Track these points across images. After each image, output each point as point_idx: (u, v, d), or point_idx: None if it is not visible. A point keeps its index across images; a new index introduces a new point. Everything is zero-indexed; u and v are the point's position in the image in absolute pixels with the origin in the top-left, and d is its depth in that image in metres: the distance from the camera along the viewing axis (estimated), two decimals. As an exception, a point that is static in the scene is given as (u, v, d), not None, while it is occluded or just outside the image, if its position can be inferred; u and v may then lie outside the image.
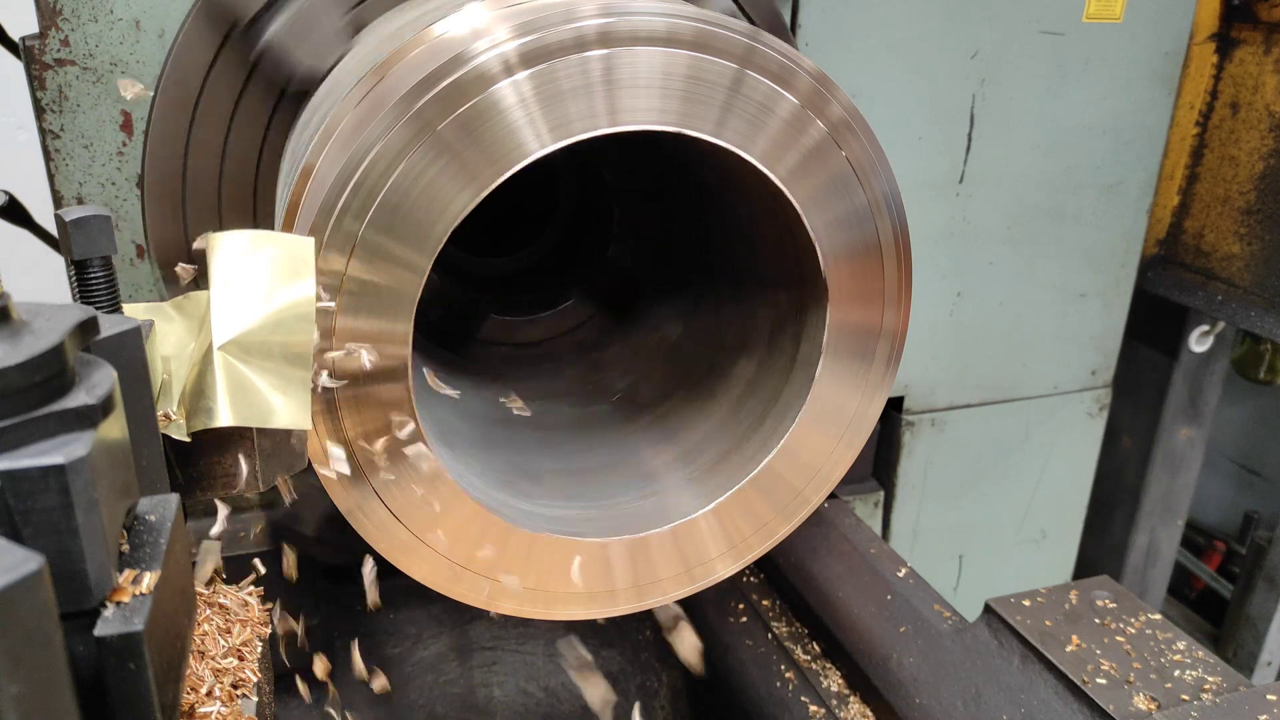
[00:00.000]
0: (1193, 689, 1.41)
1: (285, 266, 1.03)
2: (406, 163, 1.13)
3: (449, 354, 2.08)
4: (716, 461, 1.56)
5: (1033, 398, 2.51)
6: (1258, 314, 2.53)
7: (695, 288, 1.91)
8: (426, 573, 1.35)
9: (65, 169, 1.61)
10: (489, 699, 2.18)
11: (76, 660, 0.64)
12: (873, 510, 2.46)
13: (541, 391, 1.99)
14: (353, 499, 1.25)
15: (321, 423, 1.19)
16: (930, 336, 2.32)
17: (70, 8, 1.52)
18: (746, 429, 1.56)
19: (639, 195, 2.16)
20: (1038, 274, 2.36)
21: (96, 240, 0.95)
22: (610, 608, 1.47)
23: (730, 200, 1.68)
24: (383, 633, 2.14)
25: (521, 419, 1.87)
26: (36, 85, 1.55)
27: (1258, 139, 2.48)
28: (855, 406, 1.48)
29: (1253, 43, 2.48)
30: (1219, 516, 4.33)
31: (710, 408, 1.68)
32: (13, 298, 0.66)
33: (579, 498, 1.56)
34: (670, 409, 1.75)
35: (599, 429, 1.78)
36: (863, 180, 1.35)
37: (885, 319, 1.44)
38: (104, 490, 0.64)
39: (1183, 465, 3.14)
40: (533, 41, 1.13)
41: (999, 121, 2.17)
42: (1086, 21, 2.15)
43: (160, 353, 1.02)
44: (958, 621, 1.68)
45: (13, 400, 0.61)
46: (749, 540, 1.51)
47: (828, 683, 1.83)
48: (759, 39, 1.23)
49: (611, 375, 1.98)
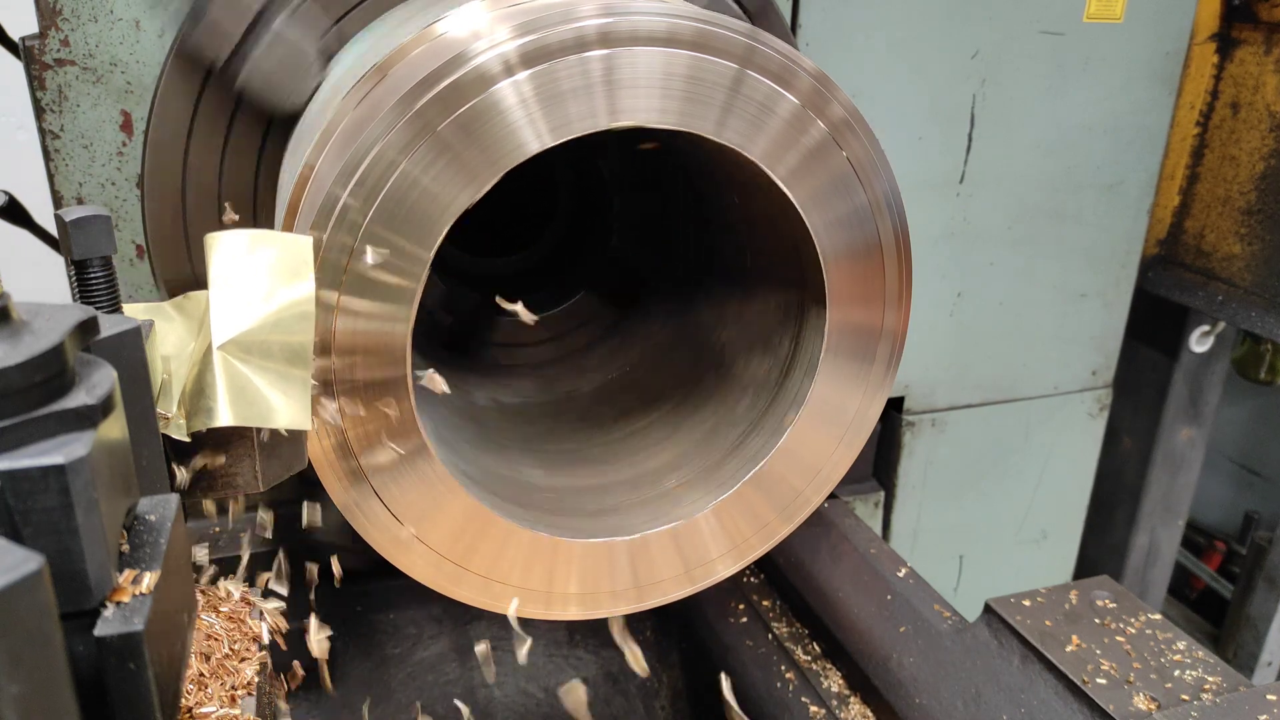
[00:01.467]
0: (1193, 689, 1.41)
1: (285, 266, 1.03)
2: (407, 163, 1.13)
3: (454, 356, 2.08)
4: (717, 461, 1.56)
5: (1033, 398, 2.51)
6: (1258, 314, 2.53)
7: (696, 288, 1.91)
8: (426, 572, 1.35)
9: (65, 169, 1.61)
10: (489, 699, 2.18)
11: (76, 660, 0.64)
12: (873, 510, 2.46)
13: (543, 392, 1.99)
14: (351, 497, 1.25)
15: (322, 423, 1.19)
16: (931, 337, 2.32)
17: (70, 8, 1.52)
18: (747, 429, 1.56)
19: (639, 196, 2.16)
20: (1038, 274, 2.36)
21: (96, 240, 0.95)
22: (611, 608, 1.47)
23: (730, 201, 1.68)
24: (382, 633, 2.14)
25: (523, 421, 1.87)
26: (36, 85, 1.55)
27: (1258, 139, 2.48)
28: (856, 407, 1.48)
29: (1253, 43, 2.48)
30: (1219, 517, 4.33)
31: (711, 407, 1.68)
32: (13, 298, 0.66)
33: (580, 498, 1.56)
34: (671, 408, 1.75)
35: (600, 429, 1.78)
36: (863, 180, 1.35)
37: (886, 319, 1.44)
38: (104, 490, 0.64)
39: (1183, 465, 3.14)
40: (533, 42, 1.13)
41: (999, 121, 2.17)
42: (1087, 21, 2.15)
43: (160, 353, 1.02)
44: (958, 621, 1.68)
45: (13, 400, 0.61)
46: (750, 541, 1.51)
47: (828, 683, 1.83)
48: (759, 39, 1.23)
49: (613, 376, 1.98)
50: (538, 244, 2.36)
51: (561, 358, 2.14)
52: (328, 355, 1.17)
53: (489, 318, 2.15)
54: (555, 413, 1.90)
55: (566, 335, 2.17)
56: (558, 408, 1.92)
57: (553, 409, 1.92)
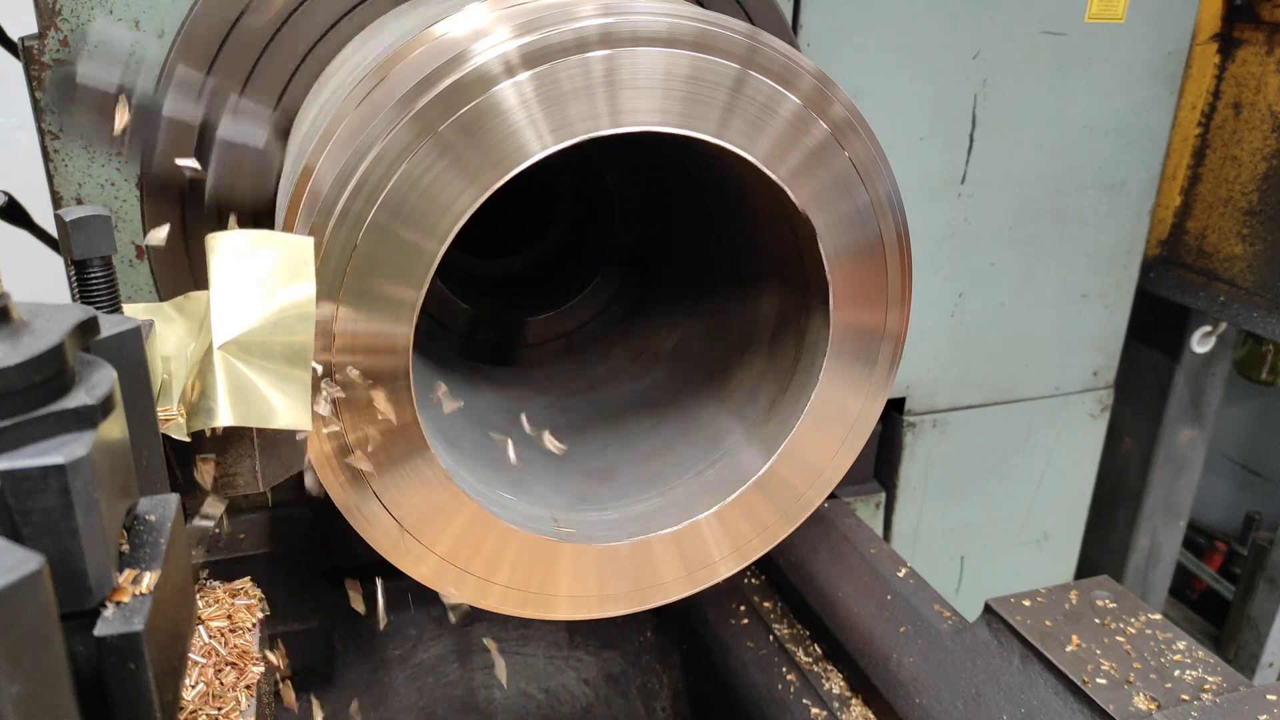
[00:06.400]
0: (1193, 689, 1.41)
1: (286, 267, 1.03)
2: (408, 164, 1.13)
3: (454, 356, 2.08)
4: (719, 463, 1.56)
5: (1034, 399, 2.51)
6: (1260, 315, 2.52)
7: (698, 290, 1.90)
8: (426, 574, 1.35)
9: (65, 169, 1.61)
10: (489, 700, 2.18)
11: (76, 660, 0.64)
12: (874, 511, 2.46)
13: (544, 394, 1.98)
14: (353, 499, 1.25)
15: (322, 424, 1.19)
16: (932, 337, 2.32)
17: (69, 7, 1.52)
18: (749, 431, 1.56)
19: (640, 197, 2.16)
20: (1040, 275, 2.36)
21: (96, 240, 0.95)
22: (612, 609, 1.47)
23: (732, 201, 1.67)
24: (382, 634, 2.14)
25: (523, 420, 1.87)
26: (36, 85, 1.55)
27: (1260, 139, 2.48)
28: (858, 408, 1.48)
29: (1255, 43, 2.48)
30: (1220, 517, 4.33)
31: (713, 409, 1.68)
32: (13, 298, 0.66)
33: (581, 500, 1.56)
34: (673, 410, 1.75)
35: (601, 432, 1.78)
36: (865, 180, 1.34)
37: (887, 320, 1.44)
38: (104, 490, 0.64)
39: (1184, 466, 3.14)
40: (534, 42, 1.13)
41: (1001, 122, 2.17)
42: (1089, 22, 2.15)
43: (160, 353, 1.02)
44: (958, 622, 1.68)
45: (13, 400, 0.61)
46: (751, 543, 1.51)
47: (829, 685, 1.83)
48: (760, 39, 1.23)
49: (614, 378, 1.98)
50: (538, 244, 2.35)
51: (563, 359, 2.14)
52: (329, 356, 1.16)
53: (489, 318, 2.15)
54: (556, 415, 1.90)
55: (567, 336, 2.17)
56: (559, 409, 1.92)
57: (554, 411, 1.92)
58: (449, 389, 1.44)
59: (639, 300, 2.13)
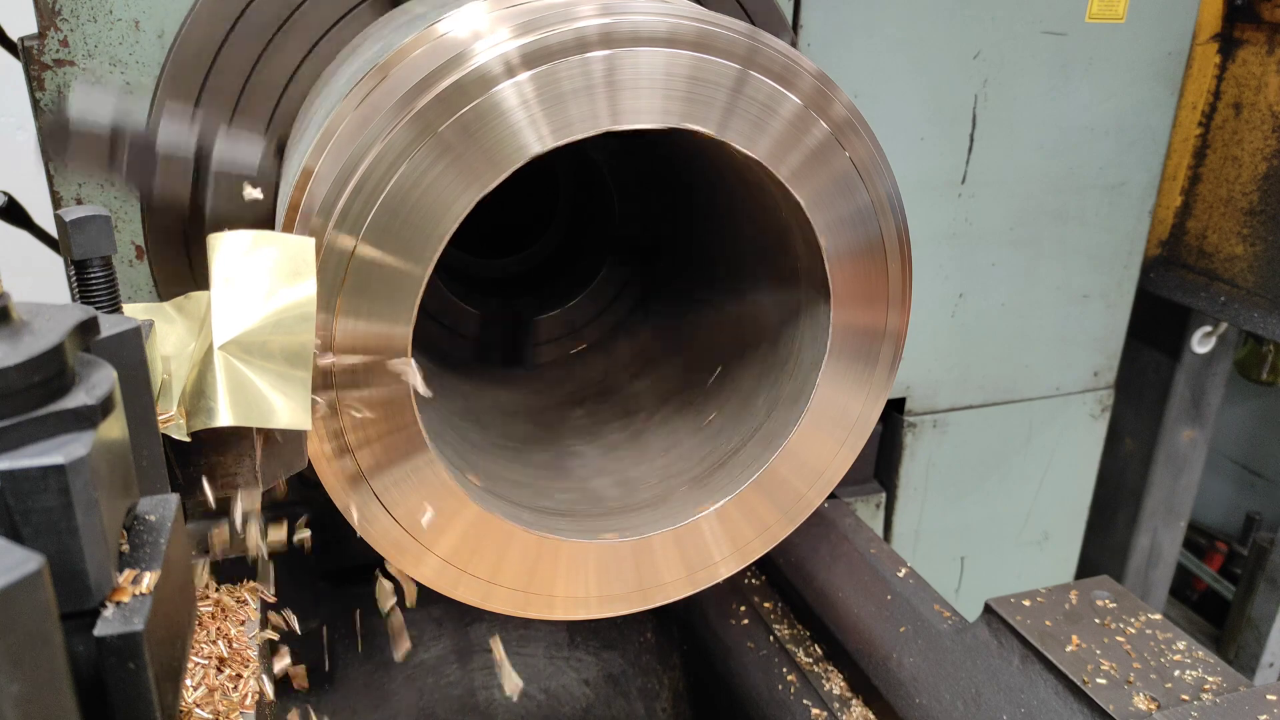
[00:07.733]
0: (1193, 689, 1.41)
1: (286, 266, 1.03)
2: (408, 164, 1.13)
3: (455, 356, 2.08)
4: (720, 464, 1.55)
5: (1035, 399, 2.51)
6: (1261, 315, 2.52)
7: (698, 290, 1.90)
8: (427, 575, 1.34)
9: (65, 169, 1.61)
10: (489, 701, 2.18)
11: (76, 660, 0.63)
12: (874, 511, 2.46)
13: (545, 394, 1.99)
14: (351, 498, 1.25)
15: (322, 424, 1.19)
16: (932, 337, 2.32)
17: (69, 8, 1.52)
18: (750, 431, 1.56)
19: (640, 197, 2.16)
20: (1040, 275, 2.36)
21: (96, 240, 0.95)
22: (613, 609, 1.47)
23: (732, 201, 1.67)
24: (383, 635, 2.13)
25: (525, 423, 1.87)
26: (35, 85, 1.55)
27: (1261, 139, 2.48)
28: (858, 408, 1.48)
29: (1256, 43, 2.48)
30: (1221, 518, 4.32)
31: (714, 410, 1.68)
32: (13, 298, 0.66)
33: (582, 500, 1.56)
34: (674, 410, 1.75)
35: (603, 432, 1.78)
36: (866, 180, 1.34)
37: (888, 320, 1.44)
38: (104, 490, 0.64)
39: (1185, 466, 3.14)
40: (534, 42, 1.13)
41: (1001, 122, 2.17)
42: (1089, 22, 2.14)
43: (160, 353, 1.02)
44: (958, 622, 1.68)
45: (13, 400, 0.61)
46: (752, 543, 1.51)
47: (830, 685, 1.83)
48: (761, 39, 1.23)
49: (615, 378, 1.98)
50: (539, 243, 2.35)
51: (564, 360, 2.14)
52: (329, 355, 1.16)
53: (496, 319, 2.15)
54: (558, 415, 1.90)
55: (568, 337, 2.17)
56: (560, 410, 1.92)
57: (555, 411, 1.92)
58: (455, 390, 1.43)
59: (643, 298, 2.13)
